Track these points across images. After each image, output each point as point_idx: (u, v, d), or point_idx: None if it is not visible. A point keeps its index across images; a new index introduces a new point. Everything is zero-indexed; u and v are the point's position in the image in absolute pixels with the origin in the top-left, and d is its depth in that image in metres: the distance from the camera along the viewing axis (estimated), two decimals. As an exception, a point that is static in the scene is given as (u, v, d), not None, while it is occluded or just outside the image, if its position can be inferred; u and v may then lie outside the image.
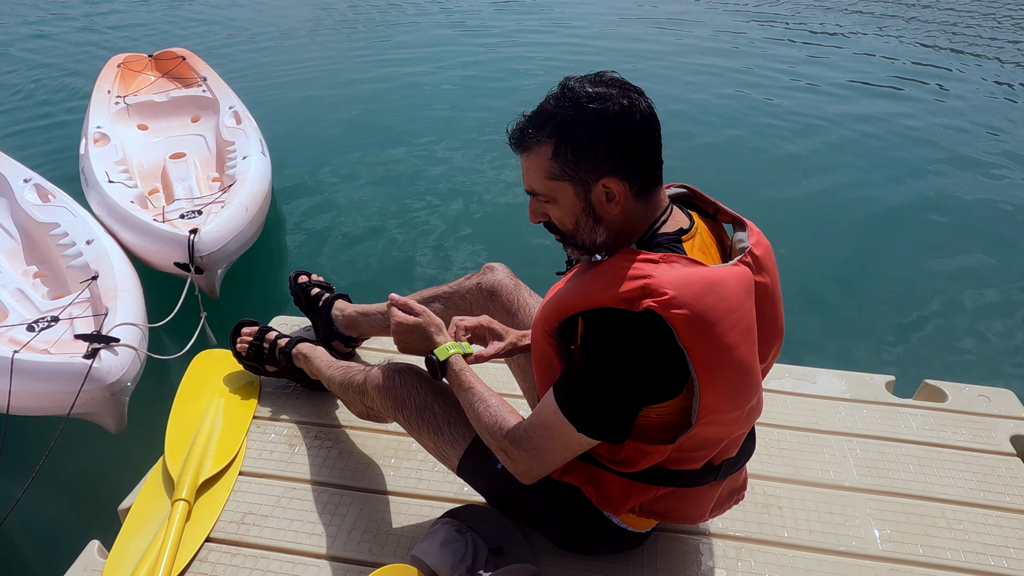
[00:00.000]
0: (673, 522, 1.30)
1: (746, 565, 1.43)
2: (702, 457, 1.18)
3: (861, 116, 5.26)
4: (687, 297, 1.00)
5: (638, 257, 1.06)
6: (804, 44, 7.09)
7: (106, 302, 2.34)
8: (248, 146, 3.46)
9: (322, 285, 2.01)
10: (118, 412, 2.06)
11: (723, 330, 1.02)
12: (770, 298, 1.16)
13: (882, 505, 1.58)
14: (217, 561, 1.44)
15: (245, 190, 3.05)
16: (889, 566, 1.44)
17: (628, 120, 1.04)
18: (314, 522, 1.52)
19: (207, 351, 2.00)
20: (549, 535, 1.40)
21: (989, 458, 1.71)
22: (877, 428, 1.80)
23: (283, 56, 6.64)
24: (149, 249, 2.72)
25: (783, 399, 1.89)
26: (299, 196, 4.04)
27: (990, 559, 1.45)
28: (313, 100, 5.55)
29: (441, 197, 4.08)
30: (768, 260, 1.16)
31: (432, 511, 1.54)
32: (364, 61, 6.57)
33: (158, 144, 3.75)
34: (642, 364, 1.04)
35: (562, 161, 1.07)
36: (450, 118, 5.22)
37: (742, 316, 1.06)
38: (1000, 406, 1.87)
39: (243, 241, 2.85)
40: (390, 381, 1.45)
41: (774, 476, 1.65)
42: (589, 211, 1.10)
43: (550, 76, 6.09)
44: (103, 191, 3.05)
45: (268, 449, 1.72)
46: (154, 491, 1.59)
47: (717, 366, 1.04)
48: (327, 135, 4.90)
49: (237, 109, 3.89)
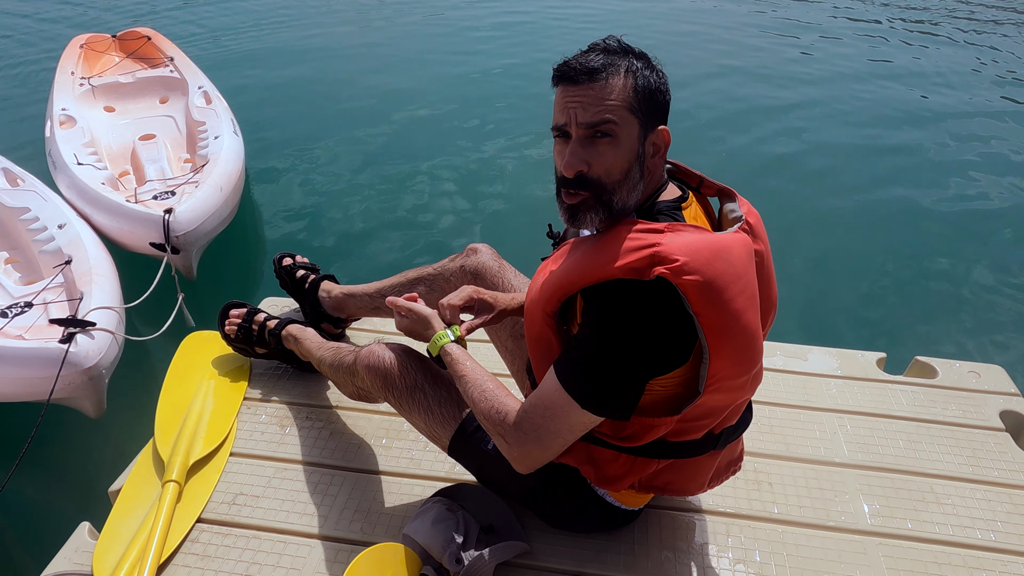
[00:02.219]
0: (672, 495, 1.30)
1: (736, 541, 1.44)
2: (705, 426, 1.18)
3: (873, 89, 5.22)
4: (698, 263, 0.99)
5: (642, 226, 1.04)
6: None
7: (81, 286, 2.31)
8: (220, 126, 3.42)
9: (307, 267, 1.99)
10: (97, 397, 2.04)
11: (732, 296, 1.01)
12: (765, 267, 1.15)
13: (872, 480, 1.59)
14: (208, 541, 1.44)
15: (219, 169, 3.03)
16: (878, 540, 1.45)
17: (666, 83, 1.10)
18: (305, 502, 1.52)
19: (196, 332, 1.99)
20: (541, 514, 1.40)
21: (978, 433, 1.72)
22: (868, 405, 1.81)
23: (251, 35, 6.51)
24: (123, 230, 2.69)
25: (775, 376, 1.89)
26: (273, 176, 4.00)
27: (977, 533, 1.47)
28: (284, 79, 5.45)
29: (421, 176, 4.03)
30: (760, 229, 1.15)
31: (423, 490, 1.54)
32: (338, 37, 6.45)
33: (126, 126, 3.70)
34: (651, 334, 1.02)
35: (639, 97, 1.04)
36: (430, 95, 5.15)
37: (748, 282, 1.05)
38: (990, 382, 1.88)
39: (219, 220, 2.84)
40: (380, 361, 1.44)
41: (765, 453, 1.65)
42: (642, 159, 1.08)
43: (534, 51, 6.05)
44: (72, 173, 3.00)
45: (259, 430, 1.71)
46: (145, 473, 1.58)
47: (726, 332, 1.03)
48: (300, 114, 4.83)
49: (206, 89, 3.84)
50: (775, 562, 1.40)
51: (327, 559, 1.39)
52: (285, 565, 1.38)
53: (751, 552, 1.42)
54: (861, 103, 5.06)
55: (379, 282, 1.83)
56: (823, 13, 7.36)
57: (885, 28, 6.87)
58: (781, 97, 5.15)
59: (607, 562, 1.38)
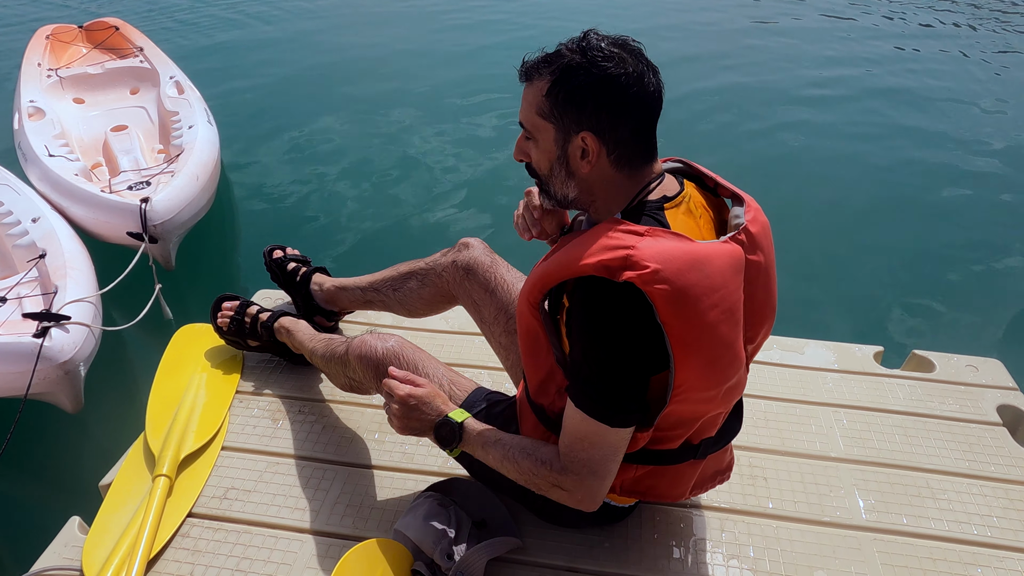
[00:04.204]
0: (655, 500, 1.29)
1: (731, 536, 1.43)
2: (679, 436, 1.16)
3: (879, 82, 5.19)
4: (669, 272, 0.97)
5: (622, 227, 1.03)
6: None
7: (55, 280, 2.29)
8: (193, 115, 3.40)
9: (298, 259, 1.97)
10: (73, 391, 2.02)
11: (703, 308, 1.00)
12: (763, 276, 1.13)
13: (867, 475, 1.58)
14: (199, 536, 1.43)
15: (195, 159, 3.01)
16: (873, 536, 1.44)
17: (627, 87, 1.02)
18: (297, 496, 1.51)
19: (189, 325, 1.97)
20: (532, 508, 1.40)
21: (975, 428, 1.71)
22: (864, 399, 1.79)
23: (221, 23, 6.40)
24: (99, 221, 2.67)
25: (771, 370, 1.88)
26: (249, 166, 3.97)
27: (973, 528, 1.46)
28: (257, 68, 5.38)
29: (404, 165, 4.00)
30: (764, 237, 1.13)
31: (416, 485, 1.53)
32: (310, 23, 6.36)
33: (97, 117, 3.67)
34: (631, 334, 1.02)
35: (552, 102, 1.05)
36: (411, 82, 5.10)
37: (726, 295, 1.03)
38: (987, 376, 1.86)
39: (196, 210, 2.82)
40: (372, 351, 1.43)
41: (760, 447, 1.64)
42: (563, 160, 1.09)
43: (526, 37, 5.98)
44: (44, 165, 2.97)
45: (251, 424, 1.70)
46: (135, 467, 1.57)
47: (694, 343, 1.02)
48: (274, 103, 4.78)
49: (178, 79, 3.81)
50: (769, 557, 1.39)
51: (318, 554, 1.38)
52: (276, 560, 1.37)
53: (745, 547, 1.41)
54: (862, 99, 5.02)
55: (371, 275, 1.81)
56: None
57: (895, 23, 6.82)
58: (779, 92, 5.12)
59: (600, 558, 1.37)
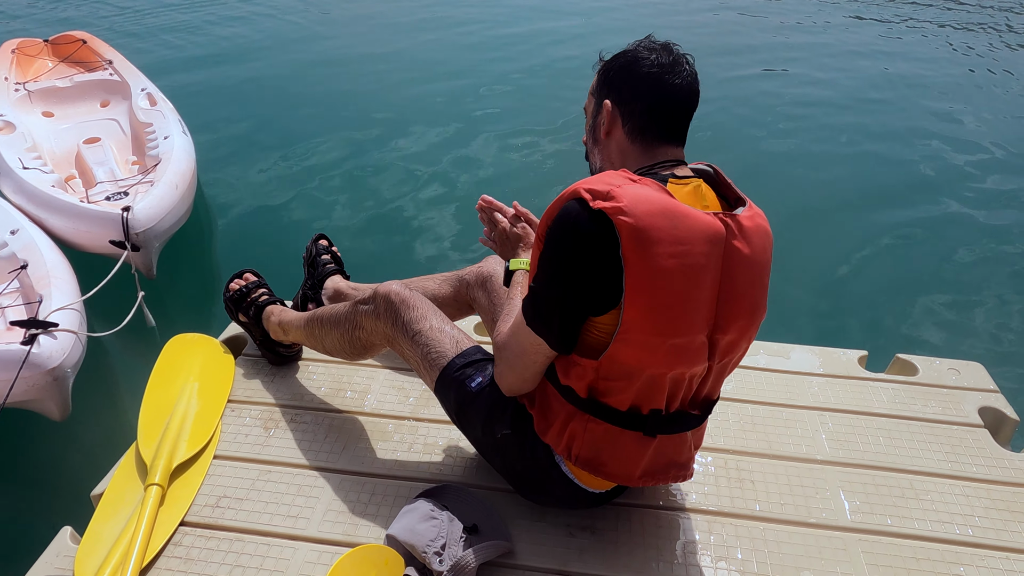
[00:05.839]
0: (607, 476, 1.31)
1: (718, 538, 1.45)
2: (623, 389, 1.20)
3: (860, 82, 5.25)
4: (639, 211, 1.07)
5: (623, 173, 1.15)
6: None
7: (39, 289, 2.29)
8: (168, 126, 3.42)
9: (335, 258, 2.07)
10: (62, 398, 2.02)
11: (663, 252, 1.07)
12: (748, 270, 1.17)
13: (852, 477, 1.60)
14: (192, 544, 1.43)
15: (173, 168, 3.03)
16: (858, 536, 1.46)
17: (649, 69, 1.20)
18: (289, 504, 1.52)
19: (180, 335, 1.98)
20: (503, 472, 1.46)
21: (957, 430, 1.74)
22: (849, 402, 1.82)
23: (190, 35, 6.40)
24: (79, 231, 2.67)
25: (758, 375, 1.90)
26: (225, 176, 3.98)
27: (956, 528, 1.48)
28: (228, 78, 5.39)
29: (382, 171, 4.02)
30: (756, 235, 1.18)
31: (408, 491, 1.54)
32: (279, 31, 6.39)
33: (68, 130, 3.68)
34: (587, 262, 1.10)
35: (596, 78, 1.29)
36: (386, 85, 5.15)
37: (690, 251, 1.09)
38: (969, 379, 1.90)
39: (176, 218, 2.85)
40: (398, 294, 1.52)
41: (747, 451, 1.67)
42: (593, 129, 1.31)
43: (493, 37, 5.99)
44: (19, 178, 2.97)
45: (243, 432, 1.71)
46: (127, 476, 1.58)
47: (646, 283, 1.09)
48: (246, 113, 4.79)
49: (150, 91, 3.83)
50: (756, 559, 1.41)
51: (310, 561, 1.39)
52: (268, 567, 1.38)
53: (733, 549, 1.43)
54: (855, 100, 5.09)
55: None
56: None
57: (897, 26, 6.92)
58: (775, 93, 5.19)
59: (589, 561, 1.39)
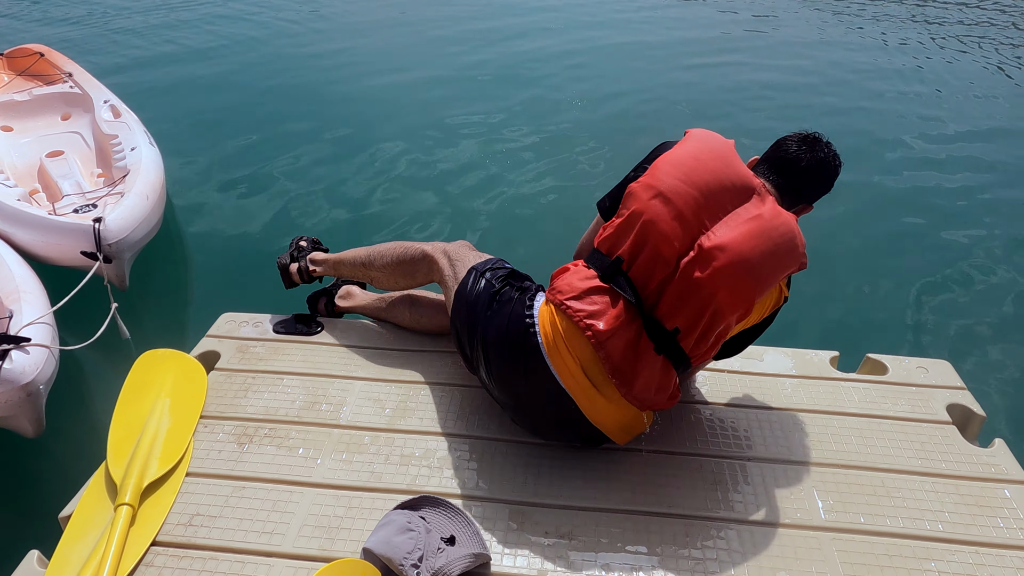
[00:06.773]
0: (557, 292, 1.56)
1: (693, 541, 1.46)
2: (615, 243, 1.56)
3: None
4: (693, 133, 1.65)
5: None
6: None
7: (9, 305, 2.24)
8: (134, 138, 3.38)
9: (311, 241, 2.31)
10: (35, 414, 1.99)
11: (686, 161, 1.57)
12: (752, 229, 1.56)
13: (826, 477, 1.62)
14: (164, 565, 1.41)
15: (142, 179, 3.00)
16: (832, 535, 1.48)
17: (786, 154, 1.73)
18: (264, 520, 1.50)
19: (151, 351, 1.95)
20: (494, 337, 1.62)
21: (927, 427, 1.77)
22: (822, 403, 1.85)
23: (150, 42, 6.31)
24: (49, 244, 2.62)
25: (732, 378, 1.92)
26: (191, 186, 3.96)
27: (927, 524, 1.51)
28: (191, 87, 5.33)
29: (356, 177, 4.02)
30: (777, 219, 1.62)
31: (384, 504, 1.53)
32: (239, 33, 6.35)
33: (28, 144, 3.62)
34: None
35: None
36: (357, 89, 5.15)
37: (708, 160, 1.58)
38: (937, 377, 1.94)
39: (148, 228, 2.82)
40: (453, 246, 1.89)
41: (722, 454, 1.68)
42: None
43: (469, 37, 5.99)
44: None
45: (216, 448, 1.69)
46: (97, 497, 1.55)
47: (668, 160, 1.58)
48: (213, 120, 4.75)
49: (113, 103, 3.78)
50: (733, 560, 1.42)
51: (286, 577, 1.37)
52: (243, 585, 1.36)
53: (710, 551, 1.44)
54: (837, 99, 5.18)
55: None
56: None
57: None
58: (767, 94, 5.27)
59: (567, 568, 1.39)
